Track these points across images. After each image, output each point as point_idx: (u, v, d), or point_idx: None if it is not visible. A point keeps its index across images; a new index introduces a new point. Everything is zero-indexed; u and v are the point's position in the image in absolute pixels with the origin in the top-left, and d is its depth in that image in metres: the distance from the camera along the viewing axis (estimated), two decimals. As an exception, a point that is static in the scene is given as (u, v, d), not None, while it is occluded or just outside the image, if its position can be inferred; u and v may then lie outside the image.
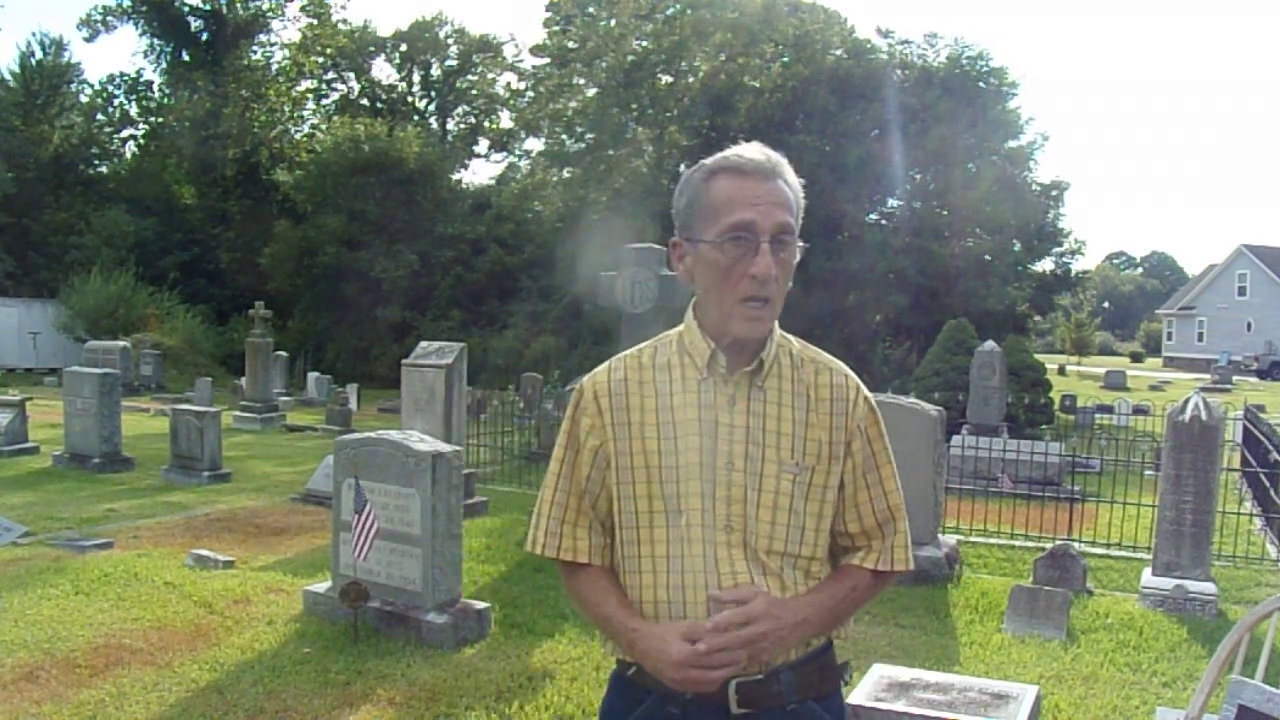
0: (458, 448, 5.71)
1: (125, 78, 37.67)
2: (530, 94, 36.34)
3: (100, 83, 37.87)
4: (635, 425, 1.64)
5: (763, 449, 1.61)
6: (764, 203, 1.56)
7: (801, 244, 1.61)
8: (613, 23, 32.11)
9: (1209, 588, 5.88)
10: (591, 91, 32.71)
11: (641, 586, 1.64)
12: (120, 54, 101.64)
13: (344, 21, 39.48)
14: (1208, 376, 35.21)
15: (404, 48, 40.06)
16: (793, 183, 1.63)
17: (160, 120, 37.12)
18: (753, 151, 1.61)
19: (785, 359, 1.67)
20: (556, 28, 34.03)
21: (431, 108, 41.33)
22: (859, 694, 3.56)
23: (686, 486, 1.59)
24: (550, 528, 1.70)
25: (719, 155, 1.63)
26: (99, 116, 37.38)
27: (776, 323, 1.66)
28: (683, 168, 30.42)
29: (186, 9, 36.04)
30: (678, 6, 31.62)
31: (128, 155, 38.22)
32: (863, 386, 1.72)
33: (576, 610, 4.96)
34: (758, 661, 1.56)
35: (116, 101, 37.75)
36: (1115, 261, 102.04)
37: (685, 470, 1.60)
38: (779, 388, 1.65)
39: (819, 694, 1.65)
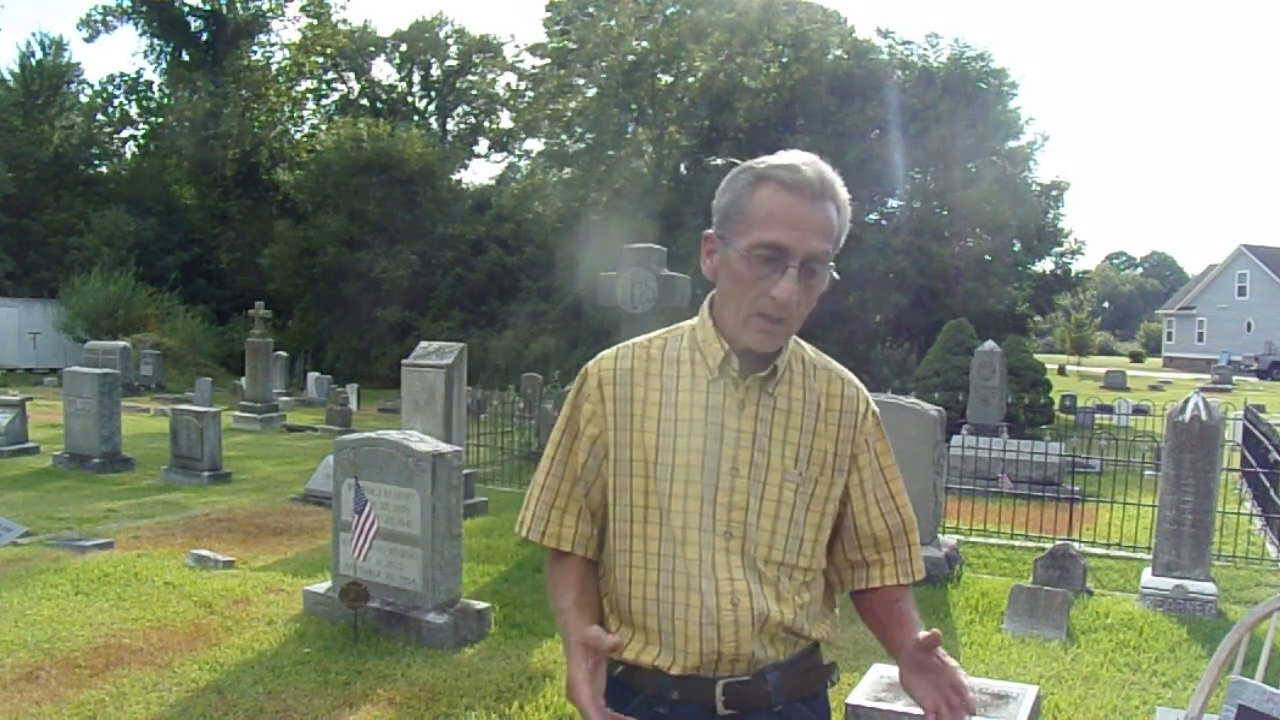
0: (458, 448, 5.71)
1: (125, 78, 37.73)
2: (530, 94, 36.35)
3: (100, 83, 37.97)
4: (636, 418, 1.60)
5: (768, 456, 1.58)
6: (802, 227, 1.50)
7: (834, 271, 1.56)
8: (612, 23, 32.11)
9: (1209, 588, 5.88)
10: (591, 92, 32.71)
11: (631, 582, 1.61)
12: (120, 54, 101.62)
13: (344, 21, 39.56)
14: (1208, 376, 35.20)
15: (404, 48, 40.11)
16: (842, 204, 1.56)
17: (160, 120, 37.12)
18: (806, 167, 1.53)
19: (797, 365, 1.64)
20: (556, 28, 34.05)
21: (431, 108, 41.36)
22: (859, 694, 3.56)
23: (685, 488, 1.56)
24: (539, 511, 1.66)
25: (772, 161, 1.56)
26: (99, 116, 37.39)
27: None
28: (683, 168, 30.48)
29: (186, 9, 36.05)
30: (676, 7, 31.63)
31: (128, 155, 38.26)
32: (871, 399, 1.71)
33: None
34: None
35: (116, 101, 37.80)
36: (1115, 261, 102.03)
37: (684, 470, 1.57)
38: (789, 395, 1.61)
39: (805, 694, 1.64)
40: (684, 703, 1.57)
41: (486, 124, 41.80)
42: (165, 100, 37.27)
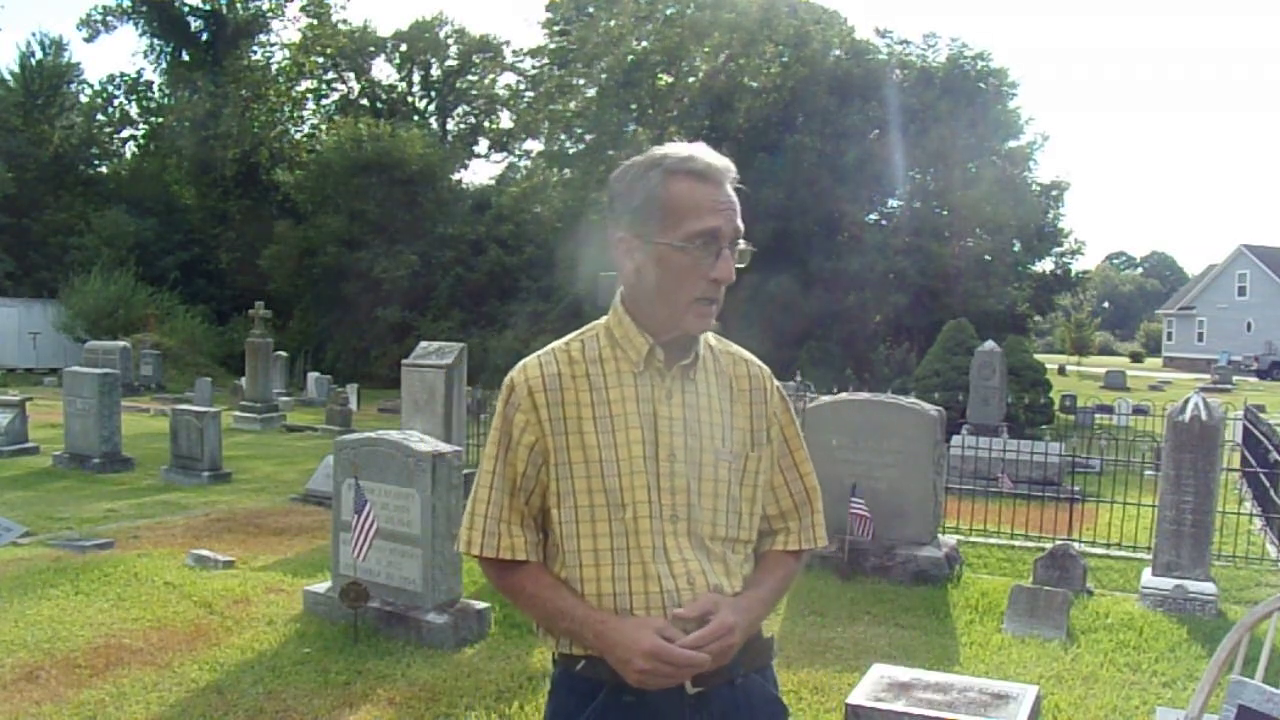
0: (458, 448, 5.71)
1: (125, 78, 37.77)
2: (530, 94, 36.35)
3: (100, 83, 38.00)
4: (572, 420, 1.65)
5: (700, 439, 1.66)
6: (726, 209, 1.62)
7: (750, 247, 1.67)
8: (612, 23, 32.11)
9: (1209, 588, 5.88)
10: (591, 92, 32.71)
11: (583, 580, 1.64)
12: (120, 54, 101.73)
13: (344, 21, 39.55)
14: (1208, 376, 35.20)
15: (404, 48, 40.10)
16: (734, 186, 1.68)
17: (160, 120, 37.14)
18: (708, 155, 1.64)
19: (706, 352, 1.74)
20: (556, 29, 34.05)
21: (431, 108, 41.36)
22: (859, 694, 3.55)
23: (632, 480, 1.62)
24: (488, 527, 1.67)
25: (672, 155, 1.63)
26: (99, 116, 37.41)
27: None
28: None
29: (186, 9, 36.07)
30: (677, 7, 31.63)
31: (128, 155, 38.31)
32: (773, 377, 1.82)
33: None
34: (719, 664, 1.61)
35: (116, 101, 37.84)
36: (1115, 261, 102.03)
37: (629, 463, 1.62)
38: (707, 380, 1.71)
39: (758, 666, 1.74)
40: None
41: (486, 124, 41.82)
42: (165, 100, 37.29)
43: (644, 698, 1.60)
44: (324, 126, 37.65)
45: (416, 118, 39.11)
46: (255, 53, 37.86)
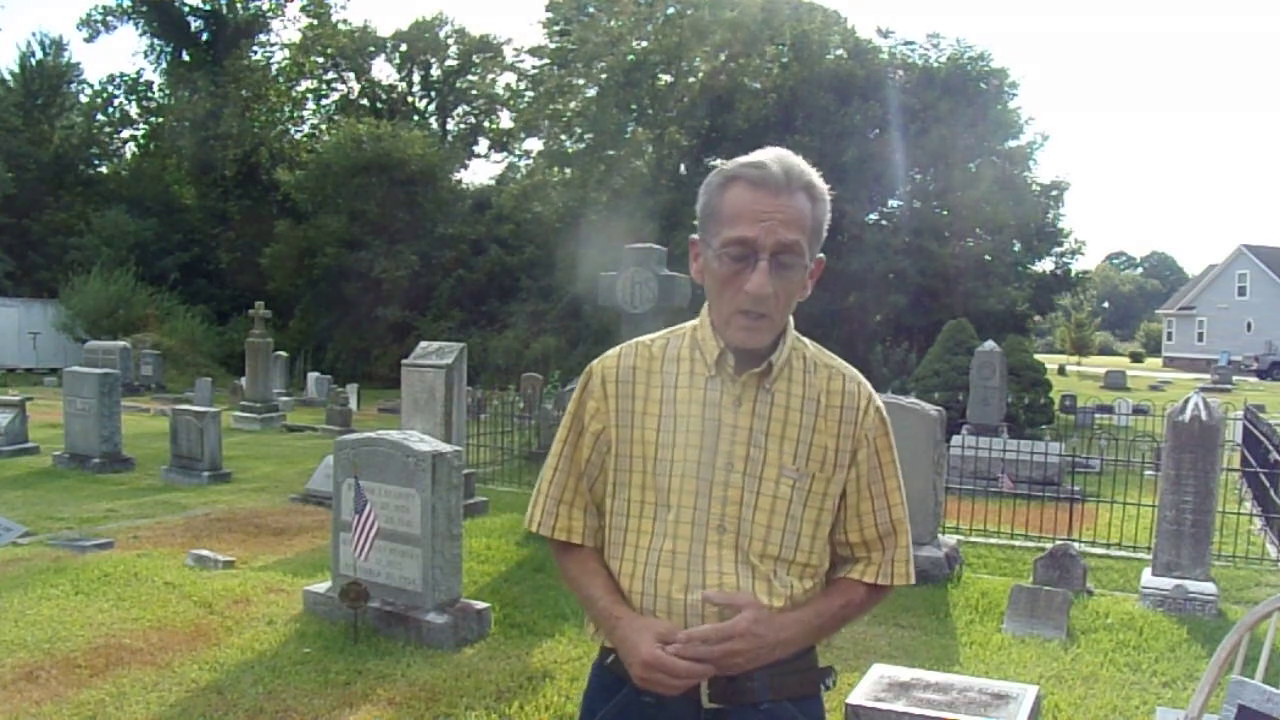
0: (458, 448, 5.71)
1: (125, 78, 37.78)
2: (530, 94, 36.34)
3: (100, 83, 38.02)
4: (638, 414, 1.65)
5: (764, 452, 1.60)
6: (770, 219, 1.52)
7: (820, 255, 1.62)
8: (612, 23, 32.11)
9: (1209, 588, 5.88)
10: (591, 92, 32.70)
11: (621, 574, 1.66)
12: (120, 54, 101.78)
13: (344, 21, 39.56)
14: (1208, 376, 35.18)
15: (404, 48, 40.09)
16: (817, 194, 1.57)
17: (160, 120, 37.16)
18: (773, 163, 1.55)
19: (798, 362, 1.66)
20: (556, 28, 34.04)
21: (431, 108, 41.35)
22: (859, 694, 3.56)
23: (681, 483, 1.60)
24: (548, 506, 1.73)
25: (740, 160, 1.59)
26: (99, 116, 37.42)
27: (791, 323, 1.65)
28: (682, 168, 30.44)
29: (186, 9, 36.08)
30: (678, 7, 31.62)
31: (128, 155, 38.32)
32: (875, 396, 1.70)
33: (578, 609, 4.97)
34: (729, 672, 1.56)
35: (116, 101, 37.86)
36: (1115, 261, 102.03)
37: (681, 466, 1.60)
38: (788, 391, 1.63)
39: (795, 695, 1.64)
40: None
41: (486, 124, 41.80)
42: (165, 100, 37.29)
43: (663, 703, 1.58)
44: (324, 126, 37.65)
45: (416, 118, 39.10)
46: (255, 53, 37.89)
